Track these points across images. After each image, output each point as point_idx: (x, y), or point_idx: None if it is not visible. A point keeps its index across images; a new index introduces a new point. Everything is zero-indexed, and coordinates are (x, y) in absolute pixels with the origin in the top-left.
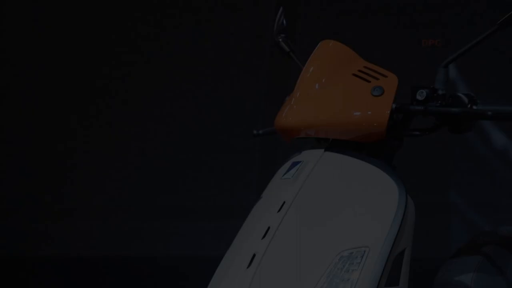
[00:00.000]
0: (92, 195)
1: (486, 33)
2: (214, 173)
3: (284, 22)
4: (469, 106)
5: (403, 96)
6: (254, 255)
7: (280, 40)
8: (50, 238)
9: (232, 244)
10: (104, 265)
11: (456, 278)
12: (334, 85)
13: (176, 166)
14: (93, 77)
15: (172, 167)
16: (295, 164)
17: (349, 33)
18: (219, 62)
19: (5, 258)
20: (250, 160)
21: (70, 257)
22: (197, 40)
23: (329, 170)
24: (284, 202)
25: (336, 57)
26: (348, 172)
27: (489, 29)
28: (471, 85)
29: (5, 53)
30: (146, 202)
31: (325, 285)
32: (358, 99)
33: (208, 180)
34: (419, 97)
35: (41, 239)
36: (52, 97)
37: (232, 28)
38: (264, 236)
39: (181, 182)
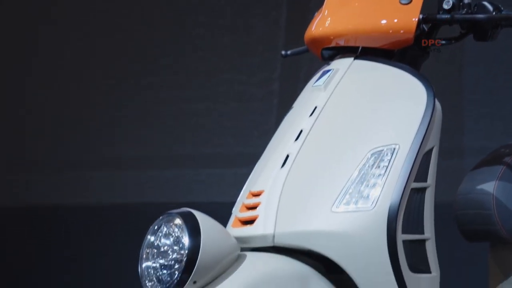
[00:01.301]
0: (113, 148)
1: None
2: (232, 122)
3: None
4: (494, 13)
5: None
6: (287, 156)
7: None
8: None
9: (268, 146)
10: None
11: (479, 187)
12: None
13: (194, 115)
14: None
15: (190, 117)
16: (325, 72)
17: None
18: (237, 11)
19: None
20: (268, 108)
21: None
22: None
23: (359, 76)
24: (315, 107)
25: None
26: (378, 77)
27: None
28: None
29: None
30: (165, 151)
31: (357, 180)
32: (387, 7)
33: (226, 129)
34: (445, 6)
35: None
36: None
37: None
38: (297, 139)
39: (199, 131)
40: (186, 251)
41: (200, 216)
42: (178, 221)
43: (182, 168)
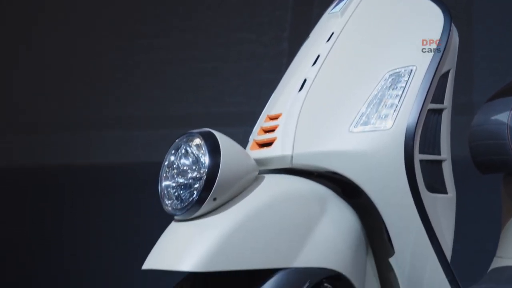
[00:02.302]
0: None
1: None
2: (242, 81)
3: None
4: None
5: None
6: (305, 80)
7: None
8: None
9: (285, 74)
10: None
11: (493, 118)
12: None
13: (204, 75)
14: None
15: (200, 76)
16: (342, 0)
17: None
18: None
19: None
20: (278, 67)
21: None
22: None
23: (376, 1)
24: (332, 33)
25: None
26: (395, 1)
27: None
28: None
29: None
30: (176, 111)
31: (374, 101)
32: None
33: (236, 88)
34: None
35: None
36: None
37: None
38: (314, 63)
39: (209, 90)
40: (206, 170)
41: (219, 136)
42: (198, 140)
43: (192, 127)
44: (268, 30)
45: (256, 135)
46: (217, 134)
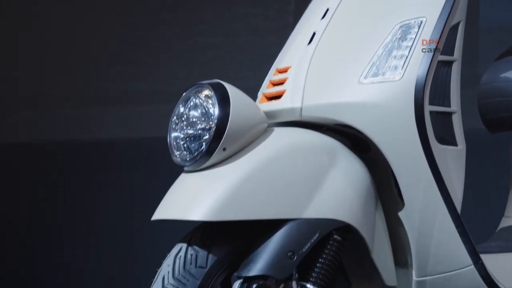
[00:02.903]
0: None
1: None
2: (248, 55)
3: None
4: None
5: None
6: (314, 33)
7: None
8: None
9: (296, 27)
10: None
11: (502, 75)
12: None
13: (210, 49)
14: None
15: (205, 51)
16: None
17: None
18: None
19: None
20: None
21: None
22: None
23: None
24: None
25: None
26: None
27: None
28: None
29: None
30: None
31: (384, 52)
32: None
33: (241, 62)
34: None
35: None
36: None
37: None
38: (323, 17)
39: (214, 65)
40: (216, 120)
41: (229, 87)
42: (207, 91)
43: None
44: (273, 4)
45: (265, 88)
46: (227, 85)
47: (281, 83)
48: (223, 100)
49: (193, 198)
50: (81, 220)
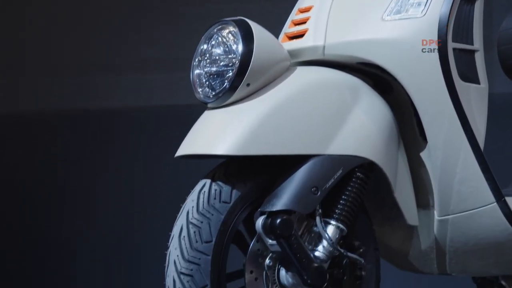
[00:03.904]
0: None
1: None
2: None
3: None
4: None
5: None
6: None
7: None
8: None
9: None
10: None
11: None
12: None
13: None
14: None
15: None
16: None
17: None
18: None
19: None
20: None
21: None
22: None
23: None
24: None
25: None
26: None
27: None
28: None
29: None
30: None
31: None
32: None
33: None
34: None
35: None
36: None
37: None
38: None
39: None
40: (239, 56)
41: (252, 23)
42: (231, 28)
43: None
44: None
45: (287, 28)
46: (250, 22)
47: (303, 22)
48: (247, 36)
49: (216, 133)
50: (93, 187)
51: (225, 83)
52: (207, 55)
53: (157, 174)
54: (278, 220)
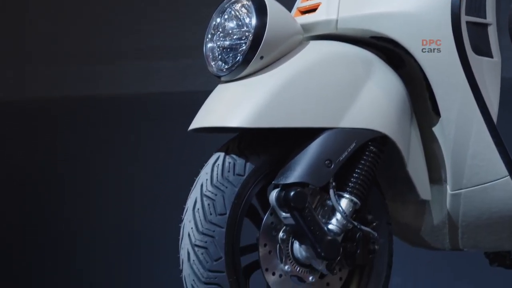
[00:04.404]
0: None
1: None
2: None
3: None
4: None
5: None
6: None
7: None
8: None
9: None
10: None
11: None
12: None
13: None
14: None
15: None
16: None
17: None
18: None
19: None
20: None
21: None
22: None
23: None
24: None
25: None
26: None
27: None
28: None
29: None
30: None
31: None
32: None
33: None
34: None
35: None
36: None
37: None
38: None
39: None
40: (253, 30)
41: None
42: (244, 1)
43: None
44: None
45: (300, 3)
46: None
47: None
48: (260, 9)
49: (230, 106)
50: (100, 173)
51: (238, 57)
52: (220, 29)
53: (163, 161)
54: (292, 193)
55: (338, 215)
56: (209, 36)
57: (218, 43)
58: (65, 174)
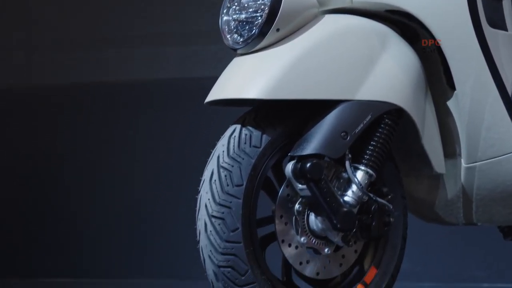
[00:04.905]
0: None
1: None
2: None
3: None
4: None
5: None
6: None
7: None
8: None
9: None
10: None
11: None
12: None
13: None
14: None
15: None
16: None
17: None
18: None
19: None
20: None
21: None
22: None
23: None
24: None
25: None
26: None
27: None
28: None
29: None
30: (209, 26)
31: None
32: None
33: None
34: None
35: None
36: None
37: None
38: None
39: None
40: (269, 2)
41: None
42: None
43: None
44: None
45: None
46: None
47: None
48: None
49: (246, 78)
50: (108, 157)
51: (254, 30)
52: (236, 2)
53: (170, 146)
54: (308, 164)
55: (354, 187)
56: (225, 9)
57: (234, 16)
58: (74, 159)
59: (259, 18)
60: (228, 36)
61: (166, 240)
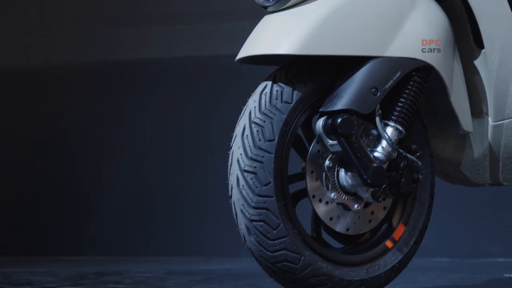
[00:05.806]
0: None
1: None
2: None
3: None
4: None
5: None
6: None
7: None
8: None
9: None
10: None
11: None
12: None
13: None
14: None
15: None
16: None
17: None
18: None
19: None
20: None
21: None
22: None
23: None
24: None
25: None
26: None
27: None
28: None
29: None
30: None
31: None
32: None
33: None
34: None
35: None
36: None
37: None
38: None
39: None
40: None
41: None
42: None
43: (241, 20)
44: None
45: None
46: None
47: None
48: None
49: (277, 35)
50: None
51: None
52: None
53: (187, 123)
54: (339, 120)
55: (384, 143)
56: None
57: None
58: (95, 135)
59: None
60: None
61: (185, 218)
